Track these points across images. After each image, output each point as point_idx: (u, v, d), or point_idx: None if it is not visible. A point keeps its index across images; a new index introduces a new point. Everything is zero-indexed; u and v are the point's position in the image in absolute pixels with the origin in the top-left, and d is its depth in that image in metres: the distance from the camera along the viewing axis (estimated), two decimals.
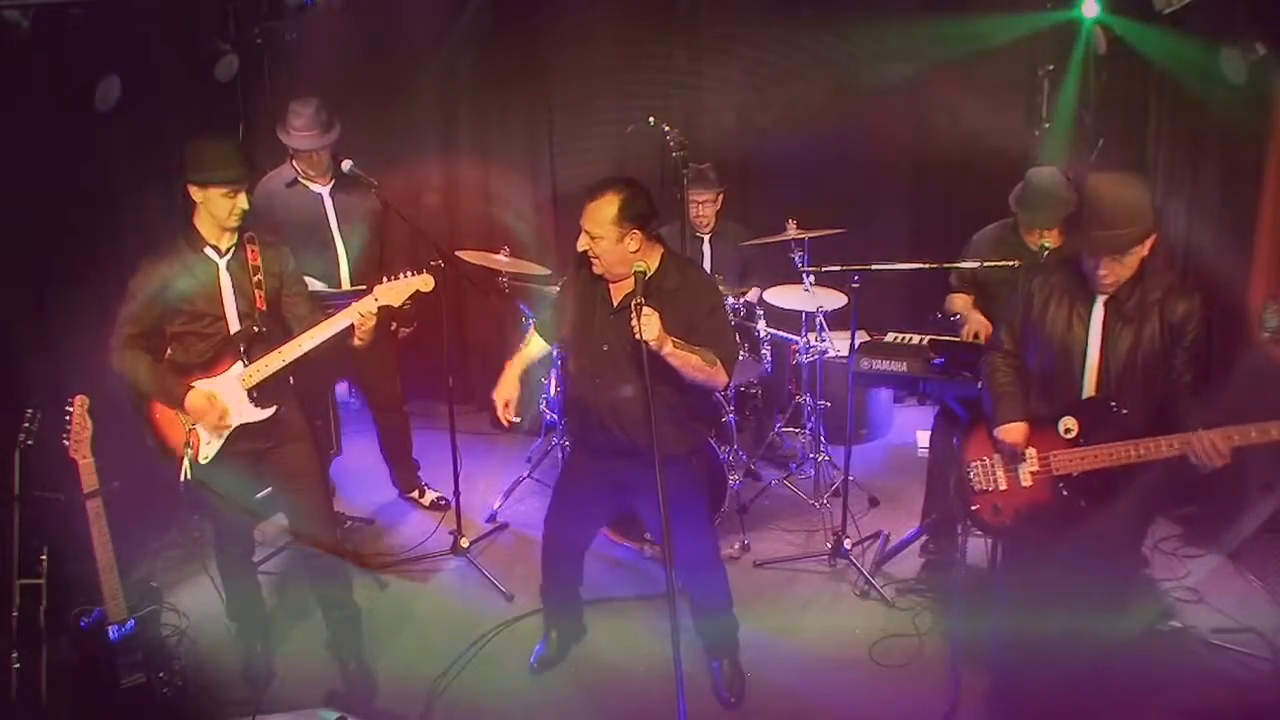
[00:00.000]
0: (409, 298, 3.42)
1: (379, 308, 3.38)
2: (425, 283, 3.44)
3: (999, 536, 3.29)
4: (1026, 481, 3.18)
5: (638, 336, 2.88)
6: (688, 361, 3.09)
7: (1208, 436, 2.81)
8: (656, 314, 2.94)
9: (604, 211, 3.11)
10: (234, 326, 3.39)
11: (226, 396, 3.37)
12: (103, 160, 4.23)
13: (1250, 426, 2.80)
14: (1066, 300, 3.13)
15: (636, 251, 3.13)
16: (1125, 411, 3.00)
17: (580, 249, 3.21)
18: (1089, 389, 3.10)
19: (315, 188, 4.47)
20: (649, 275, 3.10)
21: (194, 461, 3.36)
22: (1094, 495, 3.08)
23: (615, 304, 3.25)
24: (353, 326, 3.36)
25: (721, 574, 3.62)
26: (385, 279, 3.41)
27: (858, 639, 3.93)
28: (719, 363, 3.18)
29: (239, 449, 3.44)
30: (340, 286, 4.45)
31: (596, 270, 3.22)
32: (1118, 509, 3.09)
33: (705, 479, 3.84)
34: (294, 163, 4.45)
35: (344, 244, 4.48)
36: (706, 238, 5.22)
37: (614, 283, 3.25)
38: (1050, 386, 3.19)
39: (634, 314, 2.88)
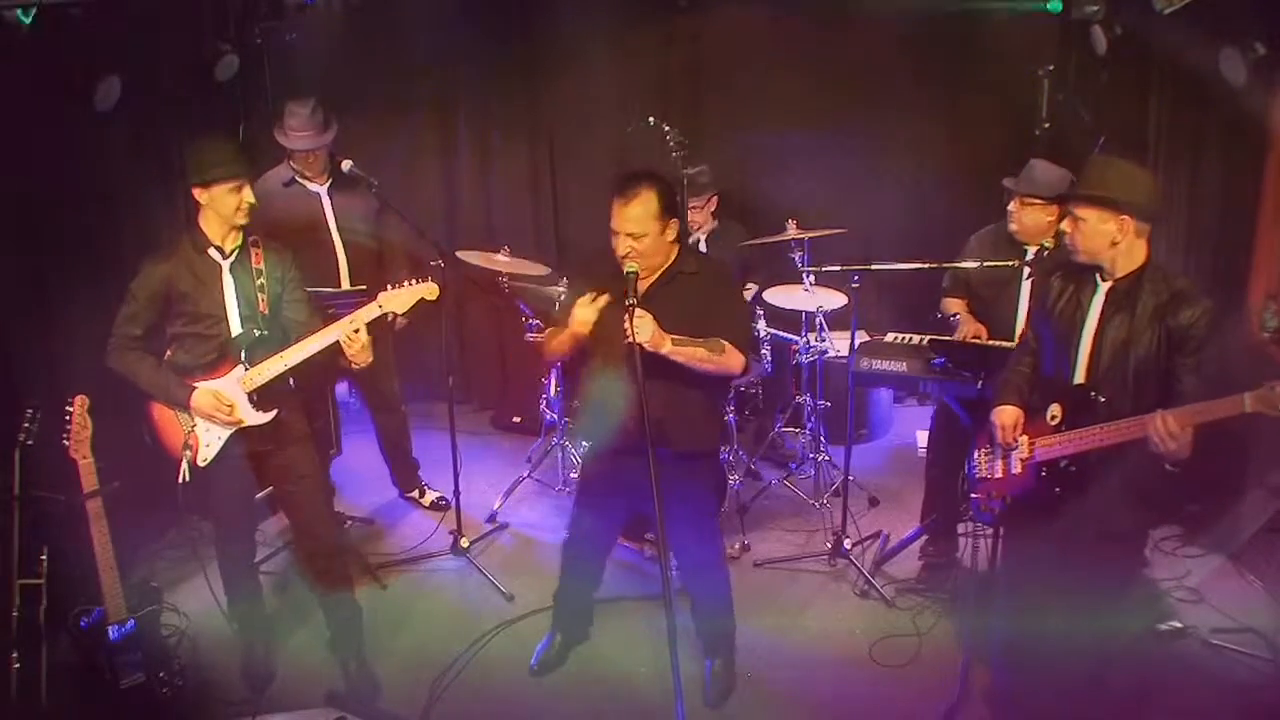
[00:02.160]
0: (413, 306, 3.41)
1: (383, 314, 3.36)
2: (430, 291, 3.41)
3: (992, 524, 3.33)
4: (1016, 468, 3.21)
5: (631, 340, 2.87)
6: (693, 355, 3.07)
7: (1160, 416, 2.80)
8: (649, 315, 2.94)
9: (646, 209, 3.06)
10: (235, 329, 3.39)
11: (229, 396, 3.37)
12: (103, 160, 4.22)
13: (1197, 405, 2.78)
14: (1075, 293, 3.15)
15: (673, 240, 3.13)
16: (1104, 399, 3.01)
17: (621, 253, 3.09)
18: (1079, 376, 3.11)
19: (313, 187, 4.48)
20: (672, 263, 3.14)
21: (192, 464, 3.36)
22: (1069, 483, 3.09)
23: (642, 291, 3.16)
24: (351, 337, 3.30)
25: (725, 576, 3.62)
26: (390, 286, 3.39)
27: (858, 639, 3.93)
28: (729, 348, 3.13)
29: (238, 451, 3.44)
30: (339, 286, 4.45)
31: (631, 268, 3.09)
32: (1107, 504, 3.09)
33: (716, 481, 3.83)
34: (291, 162, 4.44)
35: (342, 244, 4.48)
36: (702, 237, 5.22)
37: (643, 277, 3.17)
38: (1050, 375, 3.21)
39: (627, 317, 2.87)
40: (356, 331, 3.27)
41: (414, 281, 3.41)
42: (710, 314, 3.15)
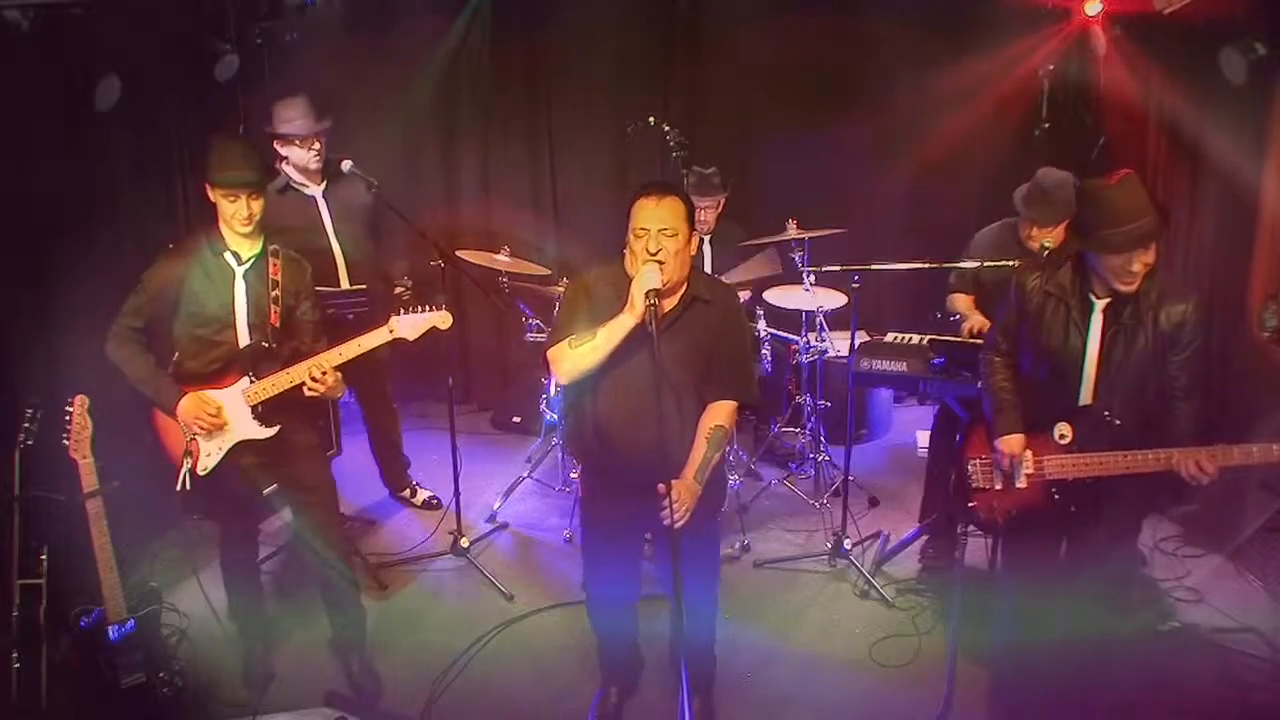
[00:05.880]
0: (424, 333, 3.39)
1: (394, 339, 3.35)
2: (444, 320, 3.40)
3: (994, 534, 3.33)
4: (1021, 483, 3.20)
5: (675, 523, 2.81)
6: (711, 463, 3.04)
7: (1192, 457, 2.85)
8: (686, 502, 2.91)
9: (679, 208, 3.00)
10: (243, 338, 3.36)
11: (227, 407, 3.35)
12: (103, 160, 4.23)
13: (1235, 448, 2.84)
14: (1063, 307, 3.10)
15: (691, 256, 3.04)
16: (1119, 423, 3.01)
17: (652, 250, 2.94)
18: (1086, 396, 3.09)
19: (309, 190, 4.43)
20: (687, 286, 3.05)
21: (193, 472, 3.33)
22: (1085, 501, 3.10)
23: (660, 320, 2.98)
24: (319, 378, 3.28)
25: (713, 615, 3.45)
26: (402, 311, 3.36)
27: (858, 639, 3.93)
28: (727, 425, 3.07)
29: (241, 462, 3.40)
30: (338, 286, 4.44)
31: (651, 278, 2.90)
32: (1112, 514, 3.10)
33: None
34: (285, 166, 4.38)
35: (340, 245, 4.46)
36: (707, 238, 5.22)
37: (665, 297, 3.01)
38: (1047, 392, 3.18)
39: (669, 504, 2.80)
40: (325, 374, 3.25)
41: (429, 308, 3.38)
42: (720, 349, 3.08)
